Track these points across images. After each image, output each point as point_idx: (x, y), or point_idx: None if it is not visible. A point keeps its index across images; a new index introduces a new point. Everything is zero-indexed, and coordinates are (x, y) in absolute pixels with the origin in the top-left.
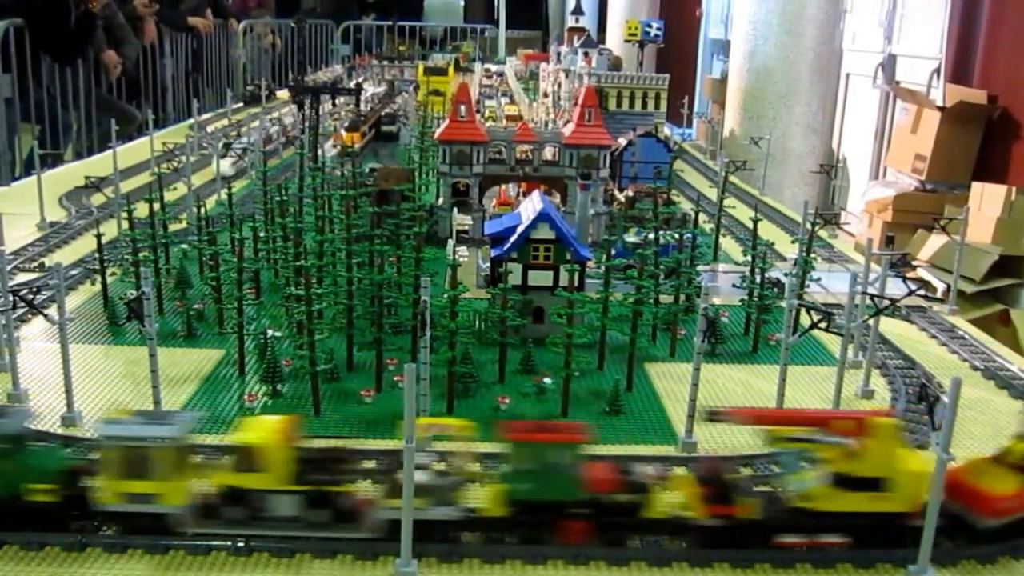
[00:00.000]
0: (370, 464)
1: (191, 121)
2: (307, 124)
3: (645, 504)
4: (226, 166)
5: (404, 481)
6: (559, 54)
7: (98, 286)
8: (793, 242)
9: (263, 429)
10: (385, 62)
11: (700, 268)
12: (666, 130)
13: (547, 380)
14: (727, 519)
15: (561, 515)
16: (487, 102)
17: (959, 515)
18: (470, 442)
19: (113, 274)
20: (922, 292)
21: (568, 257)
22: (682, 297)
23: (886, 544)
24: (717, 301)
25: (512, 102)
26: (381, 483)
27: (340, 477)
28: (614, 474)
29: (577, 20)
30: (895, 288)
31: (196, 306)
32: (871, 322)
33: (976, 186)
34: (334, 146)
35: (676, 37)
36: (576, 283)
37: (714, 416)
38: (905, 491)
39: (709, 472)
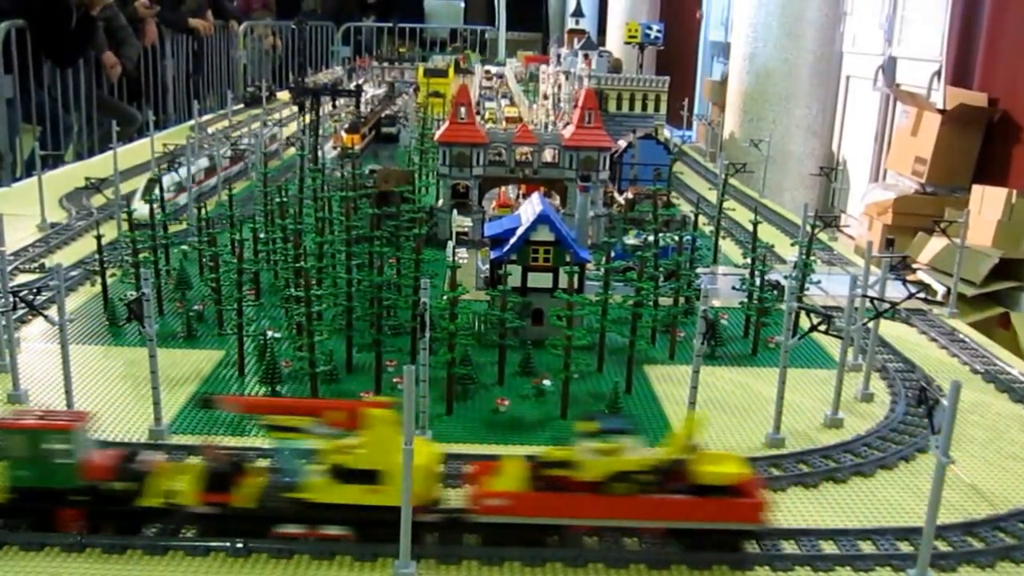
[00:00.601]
0: None
1: (192, 122)
2: (306, 126)
3: (142, 492)
4: (145, 210)
5: (403, 482)
6: (559, 56)
7: (98, 287)
8: (793, 245)
9: None
10: (385, 64)
11: (699, 270)
12: (666, 132)
13: (546, 382)
14: (222, 507)
15: (59, 502)
16: (487, 104)
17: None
18: None
19: (113, 275)
20: (922, 295)
21: (567, 259)
22: (681, 299)
23: (389, 539)
24: (716, 303)
25: (512, 104)
26: None
27: None
28: (112, 461)
29: (577, 22)
30: (895, 291)
31: (196, 307)
32: (871, 325)
33: (976, 189)
34: (334, 147)
35: (676, 39)
36: (575, 285)
37: (207, 403)
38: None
39: (210, 460)
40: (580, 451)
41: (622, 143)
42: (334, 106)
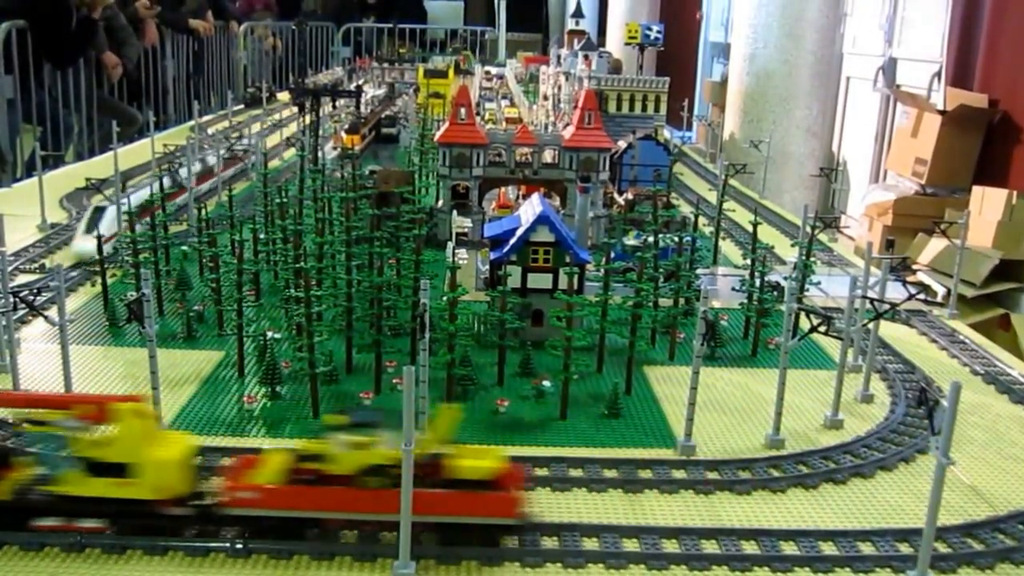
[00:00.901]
0: None
1: (192, 123)
2: (307, 127)
3: None
4: (89, 245)
5: (403, 483)
6: (559, 57)
7: (98, 287)
8: (793, 246)
9: None
10: (385, 64)
11: (699, 271)
12: (666, 133)
13: (546, 383)
14: None
15: None
16: (487, 105)
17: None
18: None
19: (113, 276)
20: (922, 296)
21: (567, 260)
22: (681, 300)
23: (144, 531)
24: (716, 304)
25: (512, 105)
26: None
27: None
28: None
29: (577, 23)
30: (895, 292)
31: (196, 308)
32: (871, 326)
33: (977, 190)
34: (334, 148)
35: (676, 40)
36: (575, 286)
37: None
38: (151, 478)
39: None
40: (334, 444)
41: (622, 144)
42: (334, 107)
